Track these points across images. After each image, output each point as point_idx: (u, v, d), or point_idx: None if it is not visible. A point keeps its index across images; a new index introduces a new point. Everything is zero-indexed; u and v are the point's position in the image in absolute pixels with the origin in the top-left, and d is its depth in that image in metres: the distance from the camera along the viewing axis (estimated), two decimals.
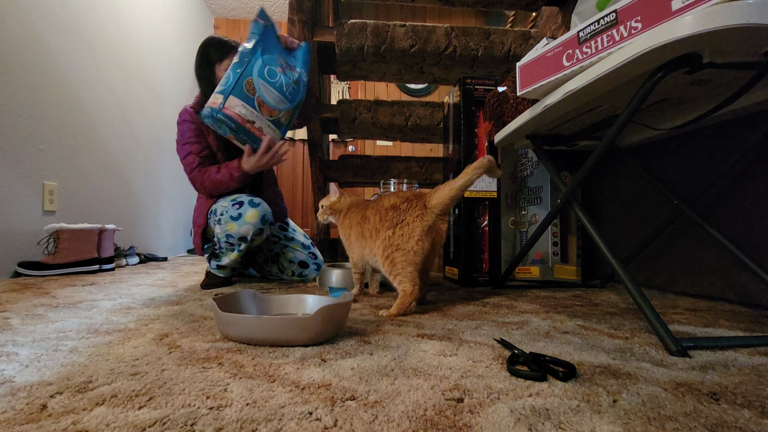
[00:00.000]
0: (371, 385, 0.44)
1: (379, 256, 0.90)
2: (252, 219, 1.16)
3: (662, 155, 1.18)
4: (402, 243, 0.87)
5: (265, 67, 1.13)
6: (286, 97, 1.17)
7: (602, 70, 0.68)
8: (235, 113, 1.10)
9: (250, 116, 1.12)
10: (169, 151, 2.91)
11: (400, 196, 0.94)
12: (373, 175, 2.00)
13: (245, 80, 1.11)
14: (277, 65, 1.16)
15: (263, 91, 1.12)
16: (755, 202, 0.94)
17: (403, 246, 0.87)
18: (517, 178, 1.54)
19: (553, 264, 1.40)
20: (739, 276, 0.97)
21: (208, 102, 1.11)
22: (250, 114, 1.12)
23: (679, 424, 0.36)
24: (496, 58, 1.70)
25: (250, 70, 1.11)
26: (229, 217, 1.17)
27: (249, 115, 1.12)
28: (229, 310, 0.66)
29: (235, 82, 1.10)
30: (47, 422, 0.36)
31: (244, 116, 1.12)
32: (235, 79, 1.10)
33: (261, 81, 1.12)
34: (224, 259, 1.23)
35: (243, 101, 1.11)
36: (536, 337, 0.65)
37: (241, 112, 1.11)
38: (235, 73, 1.11)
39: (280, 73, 1.15)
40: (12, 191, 1.49)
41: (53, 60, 1.71)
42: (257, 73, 1.12)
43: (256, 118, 1.14)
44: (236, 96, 1.10)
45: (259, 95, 1.12)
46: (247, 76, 1.11)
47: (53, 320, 0.76)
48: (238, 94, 1.10)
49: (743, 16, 0.51)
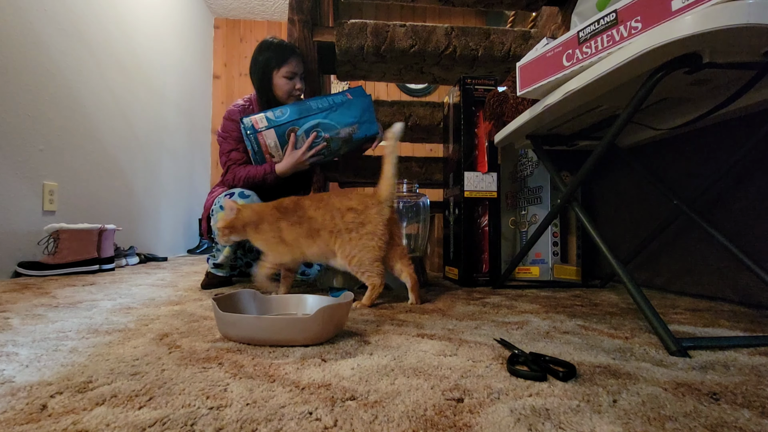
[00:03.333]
0: (371, 385, 0.44)
1: (343, 257, 0.96)
2: None
3: (662, 155, 1.18)
4: (367, 242, 0.94)
5: (315, 130, 1.25)
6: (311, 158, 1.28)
7: (602, 70, 0.68)
8: (264, 142, 1.24)
9: (274, 151, 1.26)
10: (170, 151, 2.92)
11: (352, 198, 0.99)
12: (373, 175, 2.00)
13: (291, 127, 1.24)
14: (330, 134, 1.26)
15: (297, 143, 1.25)
16: (755, 202, 0.94)
17: (369, 244, 0.94)
18: (517, 178, 1.54)
19: (553, 264, 1.40)
20: (739, 276, 0.97)
21: (254, 117, 1.23)
22: (275, 150, 1.25)
23: (679, 424, 0.36)
24: (496, 58, 1.69)
25: (301, 123, 1.24)
26: (219, 207, 1.18)
27: (274, 151, 1.25)
28: (229, 310, 0.66)
29: (284, 123, 1.23)
30: (47, 422, 0.36)
31: (270, 148, 1.25)
32: (285, 121, 1.23)
33: (303, 136, 1.25)
34: (219, 256, 1.23)
35: (278, 139, 1.24)
36: (536, 337, 0.65)
37: (269, 144, 1.24)
38: (292, 114, 1.24)
39: (324, 140, 1.26)
40: (12, 191, 1.49)
41: (53, 60, 1.71)
42: (305, 128, 1.25)
43: (278, 155, 1.26)
44: (276, 133, 1.24)
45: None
46: (294, 125, 1.24)
47: (53, 320, 0.76)
48: (278, 133, 1.24)
49: (743, 16, 0.51)
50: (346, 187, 2.36)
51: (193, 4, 3.42)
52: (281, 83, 1.34)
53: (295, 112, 1.24)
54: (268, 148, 1.24)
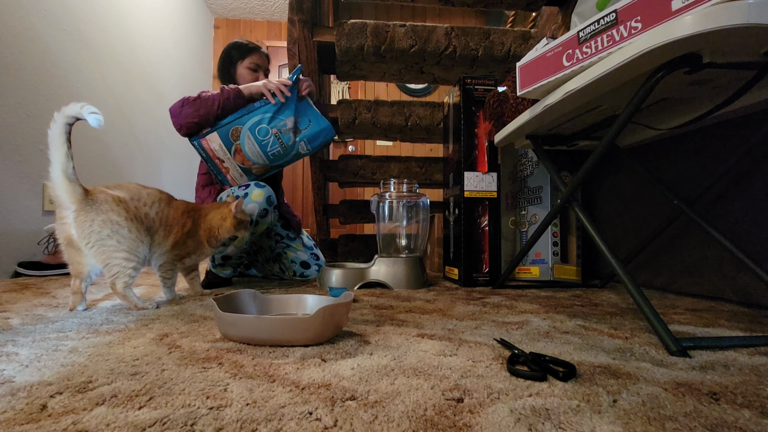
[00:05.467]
0: (371, 385, 0.44)
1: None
2: (258, 198, 1.17)
3: (662, 155, 1.18)
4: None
5: (259, 125, 1.21)
6: (267, 156, 1.24)
7: (602, 71, 0.68)
8: (209, 147, 1.21)
9: (221, 155, 1.22)
10: (169, 151, 2.91)
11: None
12: (373, 175, 2.00)
13: (235, 126, 1.20)
14: (275, 127, 1.22)
15: (245, 142, 1.21)
16: (755, 202, 0.94)
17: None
18: (517, 178, 1.54)
19: (553, 264, 1.40)
20: (739, 276, 0.97)
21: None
22: (223, 154, 1.22)
23: (679, 424, 0.36)
24: (496, 58, 1.69)
25: (244, 121, 1.21)
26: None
27: (221, 154, 1.22)
28: (229, 310, 0.66)
29: (227, 123, 1.20)
30: (47, 422, 0.36)
31: (216, 152, 1.22)
32: (228, 121, 1.21)
33: (248, 133, 1.21)
34: (226, 248, 1.23)
35: (222, 142, 1.21)
36: (536, 337, 0.65)
37: (215, 148, 1.21)
38: (233, 116, 1.21)
39: (273, 135, 1.22)
40: (12, 191, 1.49)
41: (53, 60, 1.71)
42: (249, 126, 1.21)
43: (227, 159, 1.23)
44: (220, 135, 1.21)
45: (239, 143, 1.21)
46: (238, 124, 1.21)
47: (53, 320, 0.76)
48: (222, 135, 1.20)
49: (743, 16, 0.51)
50: (345, 187, 2.36)
51: (193, 4, 3.42)
52: (244, 73, 1.37)
53: (240, 111, 1.22)
54: (215, 153, 1.22)
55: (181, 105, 1.21)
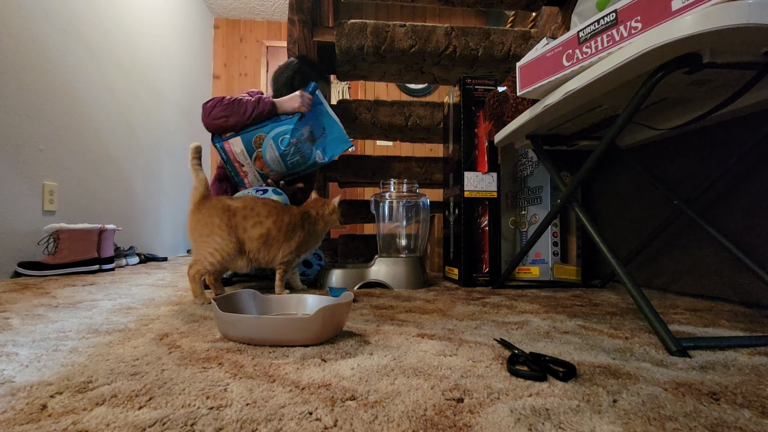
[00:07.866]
0: (371, 385, 0.44)
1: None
2: None
3: (662, 155, 1.18)
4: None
5: (282, 135, 1.25)
6: (285, 164, 1.29)
7: (602, 70, 0.68)
8: (231, 150, 1.24)
9: (242, 160, 1.26)
10: (169, 151, 2.92)
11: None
12: (373, 175, 2.00)
13: (258, 134, 1.24)
14: (296, 138, 1.27)
15: (267, 150, 1.25)
16: (755, 202, 0.94)
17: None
18: (517, 178, 1.54)
19: (553, 264, 1.40)
20: (739, 276, 0.97)
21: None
22: (243, 159, 1.26)
23: (679, 424, 0.36)
24: (496, 58, 1.70)
25: (268, 129, 1.25)
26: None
27: (242, 159, 1.26)
28: (229, 310, 0.66)
29: (251, 130, 1.24)
30: (47, 422, 0.36)
31: (237, 156, 1.25)
32: (253, 128, 1.24)
33: (271, 142, 1.25)
34: None
35: (245, 147, 1.24)
36: (536, 337, 0.65)
37: (236, 152, 1.25)
38: (262, 124, 1.26)
39: (294, 145, 1.27)
40: (12, 191, 1.49)
41: (53, 60, 1.71)
42: (272, 135, 1.25)
43: (246, 164, 1.27)
44: (243, 141, 1.24)
45: (261, 150, 1.25)
46: (262, 132, 1.25)
47: (53, 320, 0.76)
48: (245, 141, 1.24)
49: (743, 16, 0.51)
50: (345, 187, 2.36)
51: (193, 4, 3.42)
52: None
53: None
54: (236, 157, 1.24)
55: (214, 104, 1.23)
